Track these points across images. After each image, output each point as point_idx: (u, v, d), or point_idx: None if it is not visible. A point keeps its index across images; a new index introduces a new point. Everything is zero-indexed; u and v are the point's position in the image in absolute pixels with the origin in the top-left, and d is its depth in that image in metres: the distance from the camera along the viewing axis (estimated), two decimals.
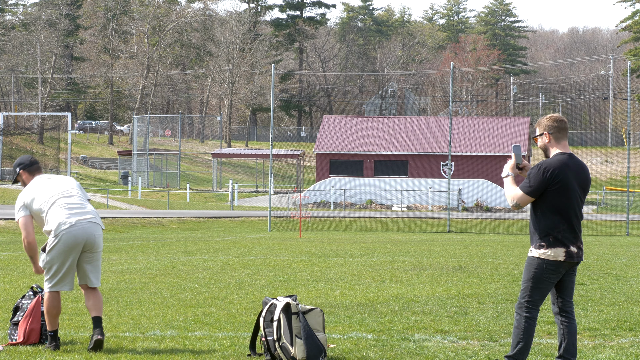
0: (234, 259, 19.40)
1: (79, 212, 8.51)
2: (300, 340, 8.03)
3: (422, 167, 59.02)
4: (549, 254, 7.01)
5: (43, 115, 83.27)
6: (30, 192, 8.60)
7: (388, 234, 34.01)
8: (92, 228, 8.51)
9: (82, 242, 8.45)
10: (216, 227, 37.65)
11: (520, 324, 7.08)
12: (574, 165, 7.07)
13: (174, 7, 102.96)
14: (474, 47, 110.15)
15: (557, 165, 7.01)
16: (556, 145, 7.15)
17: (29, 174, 8.77)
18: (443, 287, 13.89)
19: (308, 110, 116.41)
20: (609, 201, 60.03)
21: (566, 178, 7.00)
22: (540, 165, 7.03)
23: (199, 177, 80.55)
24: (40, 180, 8.69)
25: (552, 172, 6.98)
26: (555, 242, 6.99)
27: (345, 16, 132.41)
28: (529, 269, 7.11)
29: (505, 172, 7.22)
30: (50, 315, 8.49)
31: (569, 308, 7.18)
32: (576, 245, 7.05)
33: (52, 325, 8.51)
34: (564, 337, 7.13)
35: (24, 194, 8.64)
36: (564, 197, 6.99)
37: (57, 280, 8.46)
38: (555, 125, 7.15)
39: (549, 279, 7.05)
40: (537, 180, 7.00)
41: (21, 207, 8.58)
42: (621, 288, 13.84)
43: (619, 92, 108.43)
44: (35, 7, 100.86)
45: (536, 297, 7.08)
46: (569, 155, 7.10)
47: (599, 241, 29.36)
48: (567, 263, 7.03)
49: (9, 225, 33.37)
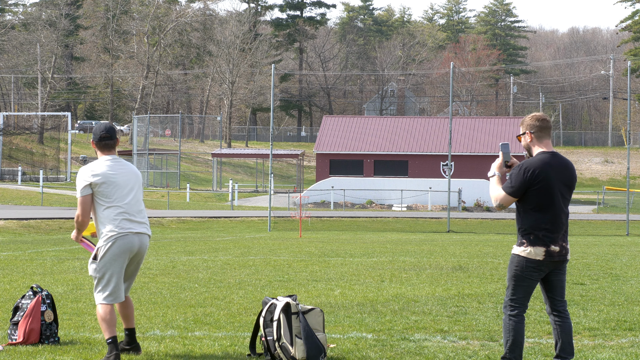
0: (233, 259, 19.40)
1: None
2: (300, 340, 8.03)
3: (422, 167, 59.01)
4: (529, 251, 7.00)
5: (43, 115, 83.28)
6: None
7: (388, 234, 34.01)
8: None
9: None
10: (216, 227, 37.64)
11: (506, 323, 7.08)
12: (556, 163, 7.05)
13: (174, 7, 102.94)
14: (474, 47, 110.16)
15: (538, 164, 7.00)
16: (538, 144, 7.13)
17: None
18: (443, 287, 13.89)
19: (308, 110, 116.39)
20: (609, 201, 60.01)
21: (547, 177, 6.98)
22: (521, 165, 7.03)
23: (199, 177, 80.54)
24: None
25: (532, 172, 6.97)
26: (536, 241, 6.98)
27: (345, 16, 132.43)
28: (510, 267, 7.12)
29: (492, 172, 7.21)
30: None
31: (561, 307, 7.15)
32: (558, 244, 7.01)
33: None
34: (559, 337, 7.12)
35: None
36: (546, 196, 6.98)
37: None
38: (537, 125, 7.14)
39: (531, 276, 7.03)
40: (519, 181, 6.99)
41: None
42: (621, 288, 13.84)
43: (619, 92, 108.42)
44: (35, 7, 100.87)
45: (520, 295, 7.06)
46: (551, 153, 7.08)
47: (599, 241, 29.36)
48: (549, 262, 7.01)
49: (9, 225, 33.37)
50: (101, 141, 8.20)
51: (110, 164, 8.14)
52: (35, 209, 43.18)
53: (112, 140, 8.22)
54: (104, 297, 8.01)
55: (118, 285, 8.04)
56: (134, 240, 8.07)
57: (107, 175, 8.05)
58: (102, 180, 8.03)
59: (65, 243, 25.46)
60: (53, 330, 8.85)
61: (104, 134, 8.19)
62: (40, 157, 78.15)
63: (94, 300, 11.96)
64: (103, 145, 8.21)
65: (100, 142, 8.21)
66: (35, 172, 70.80)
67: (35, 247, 23.87)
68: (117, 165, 8.16)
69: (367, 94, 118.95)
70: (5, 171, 70.52)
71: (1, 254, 20.77)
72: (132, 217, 8.08)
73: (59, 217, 36.75)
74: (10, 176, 69.75)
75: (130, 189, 8.16)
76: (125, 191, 8.11)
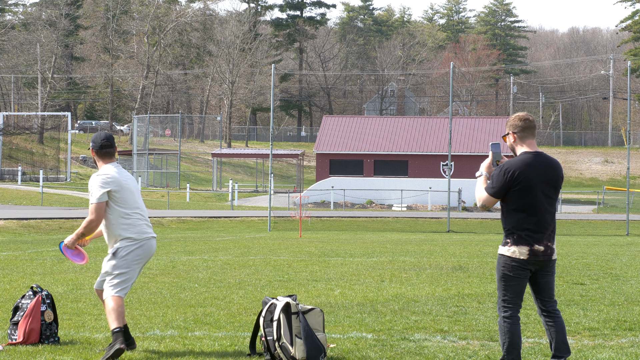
0: (233, 259, 19.40)
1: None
2: (300, 340, 8.03)
3: (422, 167, 59.00)
4: (513, 251, 7.00)
5: (43, 115, 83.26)
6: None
7: (388, 234, 34.00)
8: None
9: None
10: (216, 227, 37.64)
11: (500, 325, 7.09)
12: (539, 163, 7.03)
13: (174, 7, 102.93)
14: (474, 47, 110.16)
15: (519, 165, 6.99)
16: (521, 144, 7.12)
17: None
18: (443, 287, 13.89)
19: (308, 110, 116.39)
20: (609, 201, 60.02)
21: (528, 178, 6.97)
22: (502, 166, 7.03)
23: (199, 177, 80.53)
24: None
25: (512, 173, 6.97)
26: (520, 240, 6.98)
27: (345, 16, 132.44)
28: (498, 267, 7.12)
29: (480, 171, 7.21)
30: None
31: (550, 307, 7.14)
32: (543, 244, 6.99)
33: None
34: (552, 336, 7.13)
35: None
36: (527, 196, 6.97)
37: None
38: (520, 124, 7.12)
39: (518, 275, 7.02)
40: (499, 182, 6.99)
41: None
42: (621, 288, 13.84)
43: (619, 92, 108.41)
44: (35, 7, 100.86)
45: (510, 295, 7.05)
46: (534, 153, 7.06)
47: (599, 241, 29.36)
48: (533, 261, 7.00)
49: (9, 225, 33.37)
50: (102, 149, 8.44)
51: (118, 171, 8.43)
52: (35, 209, 43.19)
53: (112, 148, 8.51)
54: (118, 290, 8.33)
55: (132, 283, 8.47)
56: (153, 245, 8.51)
57: (120, 182, 8.37)
58: (119, 186, 8.34)
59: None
60: (53, 330, 8.85)
61: (104, 142, 8.43)
62: (40, 157, 78.13)
63: (94, 300, 11.96)
64: (104, 153, 8.45)
65: (101, 150, 8.44)
66: (35, 172, 70.79)
67: (35, 247, 23.87)
68: (123, 172, 8.51)
69: (367, 94, 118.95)
70: (5, 171, 70.51)
71: (1, 254, 20.77)
72: (147, 221, 8.52)
73: (59, 217, 36.76)
74: (10, 176, 69.74)
75: (139, 194, 8.62)
76: (136, 196, 8.50)
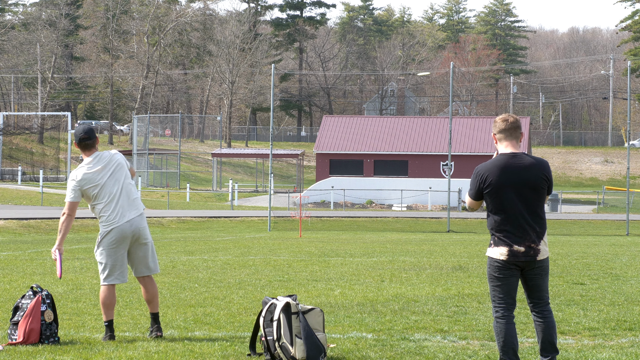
0: (233, 259, 19.39)
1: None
2: (300, 340, 8.03)
3: (422, 167, 59.01)
4: (494, 251, 7.07)
5: (43, 115, 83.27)
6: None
7: (388, 234, 34.00)
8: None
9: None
10: (216, 227, 37.65)
11: (494, 326, 7.12)
12: (513, 165, 6.99)
13: (174, 7, 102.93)
14: (474, 47, 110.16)
15: (489, 167, 7.02)
16: (501, 145, 7.14)
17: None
18: (443, 287, 13.89)
19: (308, 110, 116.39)
20: (609, 201, 60.04)
21: (497, 181, 6.97)
22: (475, 169, 7.12)
23: (199, 177, 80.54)
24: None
25: (482, 176, 7.02)
26: (499, 241, 7.03)
27: (345, 16, 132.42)
28: (486, 269, 7.22)
29: None
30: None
31: (539, 308, 7.14)
32: (524, 245, 6.97)
33: (107, 316, 8.92)
34: (540, 336, 7.16)
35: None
36: (499, 198, 6.98)
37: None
38: (498, 125, 7.15)
39: (504, 275, 7.03)
40: (473, 185, 7.08)
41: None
42: (621, 288, 13.83)
43: (619, 92, 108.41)
44: (35, 7, 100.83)
45: (500, 296, 7.06)
46: (510, 155, 7.04)
47: (599, 241, 29.35)
48: (515, 262, 7.00)
49: (9, 225, 33.37)
50: (81, 142, 8.94)
51: (92, 165, 8.85)
52: (35, 209, 43.18)
53: (91, 140, 8.94)
54: (103, 278, 8.95)
55: (115, 269, 8.89)
56: (125, 227, 8.82)
57: (89, 180, 8.80)
58: (87, 184, 8.82)
59: (65, 243, 25.41)
60: (53, 330, 8.85)
61: (82, 135, 8.91)
62: (40, 157, 78.15)
63: (94, 300, 11.97)
64: (84, 146, 8.95)
65: (80, 144, 8.98)
66: (35, 172, 70.79)
67: (35, 247, 23.87)
68: (100, 163, 8.85)
69: (367, 94, 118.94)
70: (5, 171, 70.51)
71: (1, 254, 20.77)
72: (125, 206, 8.84)
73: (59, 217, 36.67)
74: (10, 176, 69.74)
75: (116, 181, 8.87)
76: (114, 189, 8.84)
